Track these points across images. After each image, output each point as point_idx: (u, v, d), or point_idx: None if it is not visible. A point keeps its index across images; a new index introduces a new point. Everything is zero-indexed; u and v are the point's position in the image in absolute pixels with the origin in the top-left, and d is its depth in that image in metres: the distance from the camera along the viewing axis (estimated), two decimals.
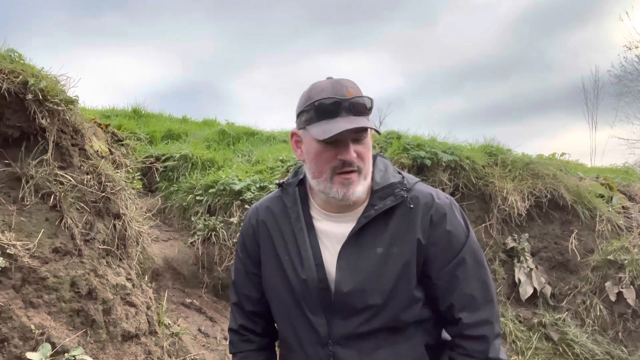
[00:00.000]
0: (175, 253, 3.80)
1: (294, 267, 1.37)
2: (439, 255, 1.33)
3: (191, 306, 3.53)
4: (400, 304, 1.32)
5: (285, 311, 1.43)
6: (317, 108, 1.28)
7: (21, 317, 2.02)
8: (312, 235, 1.38)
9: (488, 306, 1.34)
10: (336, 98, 1.27)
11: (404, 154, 4.32)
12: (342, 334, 1.34)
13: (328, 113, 1.27)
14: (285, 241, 1.41)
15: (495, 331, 1.33)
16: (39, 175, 2.29)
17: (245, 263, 1.51)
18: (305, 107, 1.31)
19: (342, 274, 1.32)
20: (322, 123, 1.28)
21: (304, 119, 1.32)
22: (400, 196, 1.33)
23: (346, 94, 1.27)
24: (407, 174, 1.43)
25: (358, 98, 1.28)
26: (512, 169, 4.58)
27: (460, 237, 1.34)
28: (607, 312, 3.98)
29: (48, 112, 2.32)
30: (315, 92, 1.30)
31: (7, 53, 2.38)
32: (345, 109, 1.27)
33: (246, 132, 5.89)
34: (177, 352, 2.83)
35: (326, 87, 1.30)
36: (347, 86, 1.29)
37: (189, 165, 4.58)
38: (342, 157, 1.28)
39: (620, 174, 5.77)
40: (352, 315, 1.33)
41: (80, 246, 2.32)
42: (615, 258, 4.08)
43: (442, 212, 1.34)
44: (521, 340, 3.81)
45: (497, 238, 4.38)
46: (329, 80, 1.33)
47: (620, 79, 15.11)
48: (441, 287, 1.34)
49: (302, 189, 1.44)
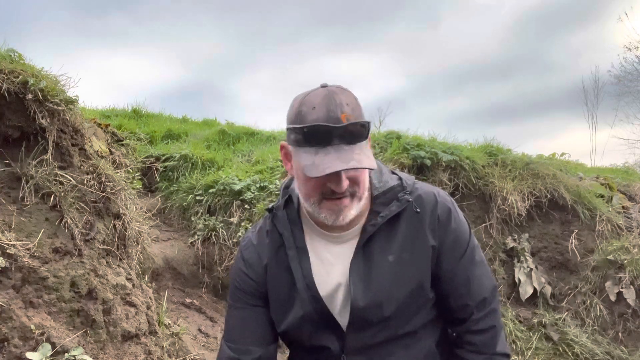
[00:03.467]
0: (175, 253, 3.80)
1: (296, 300, 1.31)
2: (448, 254, 1.31)
3: (191, 306, 3.53)
4: (413, 309, 1.30)
5: (293, 338, 1.39)
6: (306, 135, 1.15)
7: (21, 317, 2.02)
8: (305, 262, 1.30)
9: (494, 298, 1.35)
10: (327, 126, 1.13)
11: (404, 154, 4.32)
12: (355, 346, 1.31)
13: (317, 140, 1.15)
14: (284, 275, 1.33)
15: (500, 322, 1.34)
16: (39, 175, 2.29)
17: (248, 302, 1.39)
18: (294, 127, 1.18)
19: (356, 288, 1.26)
20: (310, 151, 1.16)
21: (293, 138, 1.20)
22: (405, 201, 1.29)
23: (340, 116, 1.13)
24: (402, 173, 1.39)
25: (352, 126, 1.14)
26: (512, 169, 4.58)
27: (465, 233, 1.34)
28: (607, 312, 3.97)
29: (48, 112, 2.32)
30: (307, 110, 1.16)
31: (7, 53, 2.38)
32: (337, 136, 1.14)
33: (246, 132, 5.89)
34: (177, 352, 2.83)
35: (319, 105, 1.15)
36: (342, 104, 1.15)
37: (189, 165, 4.58)
38: (332, 186, 1.19)
39: (620, 174, 5.77)
40: (366, 327, 1.29)
41: (80, 246, 2.32)
42: (615, 258, 4.08)
43: (447, 210, 1.32)
44: (521, 340, 3.80)
45: (497, 238, 4.37)
46: (322, 91, 1.18)
47: (620, 79, 15.14)
48: (452, 286, 1.32)
49: (291, 210, 1.35)
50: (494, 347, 1.32)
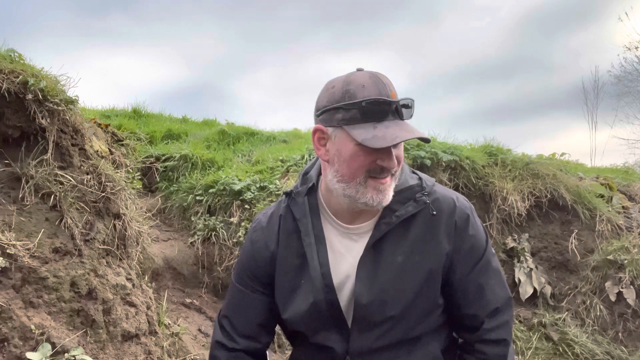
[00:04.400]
0: (175, 253, 3.80)
1: (304, 288, 1.30)
2: (463, 261, 1.28)
3: (191, 306, 3.53)
4: (420, 314, 1.27)
5: (299, 330, 1.37)
6: (364, 109, 1.14)
7: (21, 317, 2.02)
8: (322, 251, 1.29)
9: (508, 309, 1.32)
10: (384, 99, 1.15)
11: (404, 153, 4.32)
12: (359, 348, 1.29)
13: (375, 115, 1.15)
14: (294, 261, 1.32)
15: (511, 335, 1.32)
16: (39, 175, 2.29)
17: (250, 285, 1.39)
18: (345, 104, 1.16)
19: (361, 285, 1.25)
20: (368, 126, 1.15)
21: (341, 117, 1.17)
22: (422, 202, 1.26)
23: (390, 94, 1.17)
24: (422, 174, 1.37)
25: (405, 101, 1.18)
26: (512, 169, 4.58)
27: (482, 241, 1.30)
28: (607, 312, 3.97)
29: (48, 112, 2.32)
30: (356, 88, 1.16)
31: (7, 53, 2.38)
32: (392, 112, 1.16)
33: (246, 132, 5.89)
34: (177, 352, 2.83)
35: (367, 84, 1.17)
36: (388, 84, 1.18)
37: (189, 165, 4.58)
38: (382, 163, 1.18)
39: (620, 174, 5.77)
40: (370, 328, 1.27)
41: (80, 246, 2.32)
42: (615, 258, 4.08)
43: (465, 216, 1.29)
44: (521, 340, 3.80)
45: (497, 238, 4.38)
46: (365, 73, 1.20)
47: (620, 79, 15.14)
48: (464, 293, 1.29)
49: (312, 198, 1.33)
50: (504, 358, 1.30)
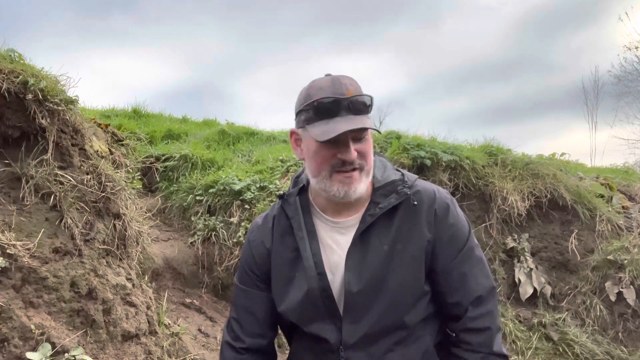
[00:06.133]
0: (175, 253, 3.80)
1: (298, 279, 1.36)
2: (445, 249, 1.34)
3: (191, 306, 3.53)
4: (408, 301, 1.32)
5: (294, 322, 1.42)
6: (316, 108, 1.26)
7: (21, 317, 2.02)
8: (314, 243, 1.37)
9: (491, 299, 1.36)
10: (335, 97, 1.25)
11: (404, 154, 4.32)
12: (352, 339, 1.33)
13: (327, 112, 1.26)
14: (288, 255, 1.39)
15: (496, 323, 1.35)
16: (39, 175, 2.29)
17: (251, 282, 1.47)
18: (304, 106, 1.29)
19: (351, 274, 1.31)
20: (321, 123, 1.26)
21: (303, 118, 1.30)
22: (403, 193, 1.34)
23: (345, 92, 1.26)
24: (405, 171, 1.44)
25: (357, 96, 1.27)
26: (512, 169, 4.58)
27: (463, 230, 1.36)
28: (607, 312, 3.98)
29: (48, 112, 2.32)
30: (314, 91, 1.28)
31: (7, 53, 2.38)
32: (344, 107, 1.25)
33: (246, 132, 5.89)
34: (177, 352, 2.83)
35: (325, 85, 1.28)
36: (346, 84, 1.28)
37: (189, 165, 4.59)
38: (342, 156, 1.27)
39: (620, 174, 5.77)
40: (361, 317, 1.32)
41: (80, 246, 2.32)
42: (615, 258, 4.08)
43: (445, 205, 1.35)
44: (521, 340, 3.81)
45: (497, 238, 4.38)
46: (327, 77, 1.31)
47: (620, 79, 15.17)
48: (448, 281, 1.34)
49: (303, 197, 1.43)
50: (490, 346, 1.33)
